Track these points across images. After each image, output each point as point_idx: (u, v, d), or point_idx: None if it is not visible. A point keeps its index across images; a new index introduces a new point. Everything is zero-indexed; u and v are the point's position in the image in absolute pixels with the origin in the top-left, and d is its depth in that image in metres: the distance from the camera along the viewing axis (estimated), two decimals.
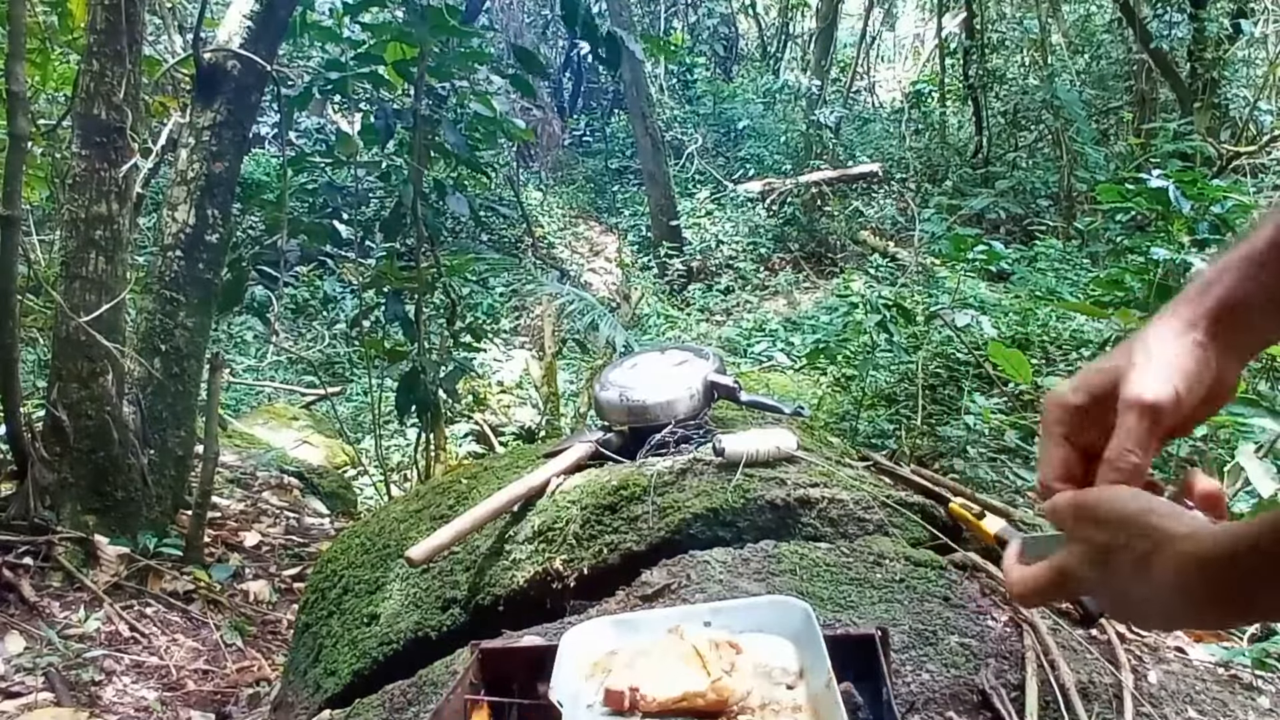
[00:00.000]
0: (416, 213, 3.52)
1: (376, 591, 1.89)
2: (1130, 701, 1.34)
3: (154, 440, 3.12)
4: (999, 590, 1.57)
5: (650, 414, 1.98)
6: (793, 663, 1.10)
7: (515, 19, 12.54)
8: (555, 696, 1.04)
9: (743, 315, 9.33)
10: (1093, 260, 8.16)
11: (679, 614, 1.22)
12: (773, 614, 1.18)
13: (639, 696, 1.02)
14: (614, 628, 1.18)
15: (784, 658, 1.11)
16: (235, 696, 2.53)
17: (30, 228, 4.80)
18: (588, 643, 1.15)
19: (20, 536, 2.77)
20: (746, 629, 1.16)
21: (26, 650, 2.44)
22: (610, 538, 1.71)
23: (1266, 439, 2.10)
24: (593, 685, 1.08)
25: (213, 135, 3.19)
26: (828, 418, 5.00)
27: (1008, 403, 4.04)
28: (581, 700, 1.05)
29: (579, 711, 1.03)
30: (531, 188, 12.01)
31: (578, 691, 1.07)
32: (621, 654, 1.13)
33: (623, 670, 1.08)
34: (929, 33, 16.49)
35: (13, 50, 2.69)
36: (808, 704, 1.04)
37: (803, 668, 1.09)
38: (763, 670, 1.08)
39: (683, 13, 15.81)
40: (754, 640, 1.14)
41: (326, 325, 8.64)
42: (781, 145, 13.06)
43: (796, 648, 1.12)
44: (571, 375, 6.34)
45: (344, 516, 4.14)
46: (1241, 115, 9.57)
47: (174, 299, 3.16)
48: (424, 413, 3.61)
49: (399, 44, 3.45)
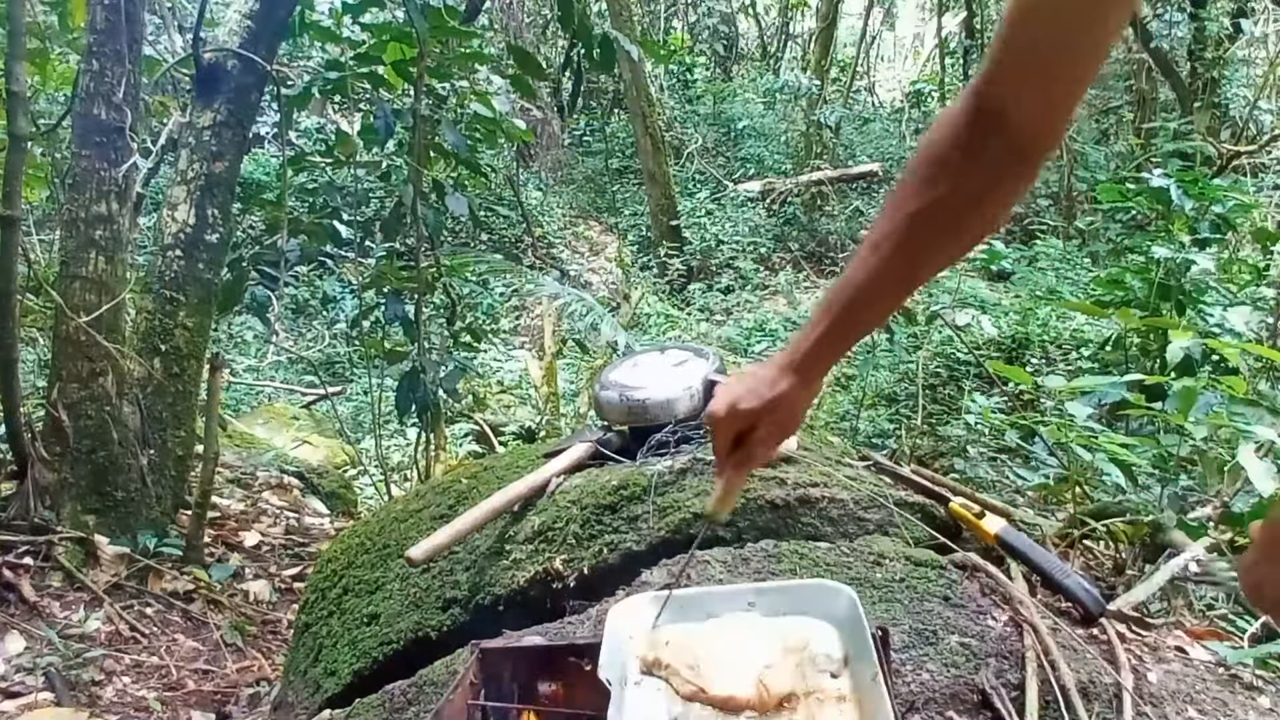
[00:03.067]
0: (416, 213, 3.52)
1: (376, 591, 1.89)
2: (1130, 701, 1.34)
3: (154, 440, 3.12)
4: (999, 590, 1.57)
5: (650, 414, 1.98)
6: (836, 649, 1.08)
7: (515, 19, 12.53)
8: (604, 674, 1.04)
9: (743, 315, 9.33)
10: (1093, 260, 8.16)
11: (721, 593, 1.21)
12: (817, 597, 1.16)
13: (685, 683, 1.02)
14: (658, 605, 1.17)
15: (828, 644, 1.09)
16: (235, 696, 2.53)
17: (30, 228, 4.81)
18: (632, 620, 1.14)
19: (20, 536, 2.76)
20: (789, 612, 1.15)
21: (26, 650, 2.44)
22: (610, 538, 1.71)
23: (1267, 439, 2.10)
24: (639, 663, 1.07)
25: (213, 135, 3.19)
26: (828, 417, 5.00)
27: (1008, 403, 4.04)
28: (630, 679, 1.05)
29: (626, 690, 1.03)
30: (531, 188, 12.00)
31: (625, 670, 1.06)
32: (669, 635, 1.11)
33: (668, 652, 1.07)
34: (929, 33, 16.49)
35: (13, 50, 2.69)
36: (852, 695, 1.02)
37: (847, 655, 1.07)
38: (807, 656, 1.07)
39: (683, 12, 15.81)
40: (797, 624, 1.13)
41: (326, 325, 8.64)
42: (781, 145, 13.06)
43: (840, 634, 1.10)
44: (571, 375, 6.33)
45: (344, 516, 4.14)
46: (1241, 115, 9.57)
47: (174, 299, 3.16)
48: (424, 413, 3.61)
49: (399, 44, 3.45)
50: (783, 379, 1.02)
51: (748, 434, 1.05)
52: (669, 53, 12.79)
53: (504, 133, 4.06)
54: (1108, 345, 4.07)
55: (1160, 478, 2.43)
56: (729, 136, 13.61)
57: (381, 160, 4.24)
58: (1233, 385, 2.32)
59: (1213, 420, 2.28)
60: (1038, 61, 0.82)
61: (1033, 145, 0.87)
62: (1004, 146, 0.86)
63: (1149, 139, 8.58)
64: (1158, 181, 3.89)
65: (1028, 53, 0.83)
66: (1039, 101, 0.85)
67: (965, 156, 0.88)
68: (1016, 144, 0.86)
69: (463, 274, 4.56)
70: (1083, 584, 1.57)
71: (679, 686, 1.02)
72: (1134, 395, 2.53)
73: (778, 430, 1.05)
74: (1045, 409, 3.76)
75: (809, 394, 1.05)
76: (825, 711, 1.00)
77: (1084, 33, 0.79)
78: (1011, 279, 8.34)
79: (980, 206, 0.90)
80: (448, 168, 3.95)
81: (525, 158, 12.47)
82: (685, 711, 1.00)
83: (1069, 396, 2.72)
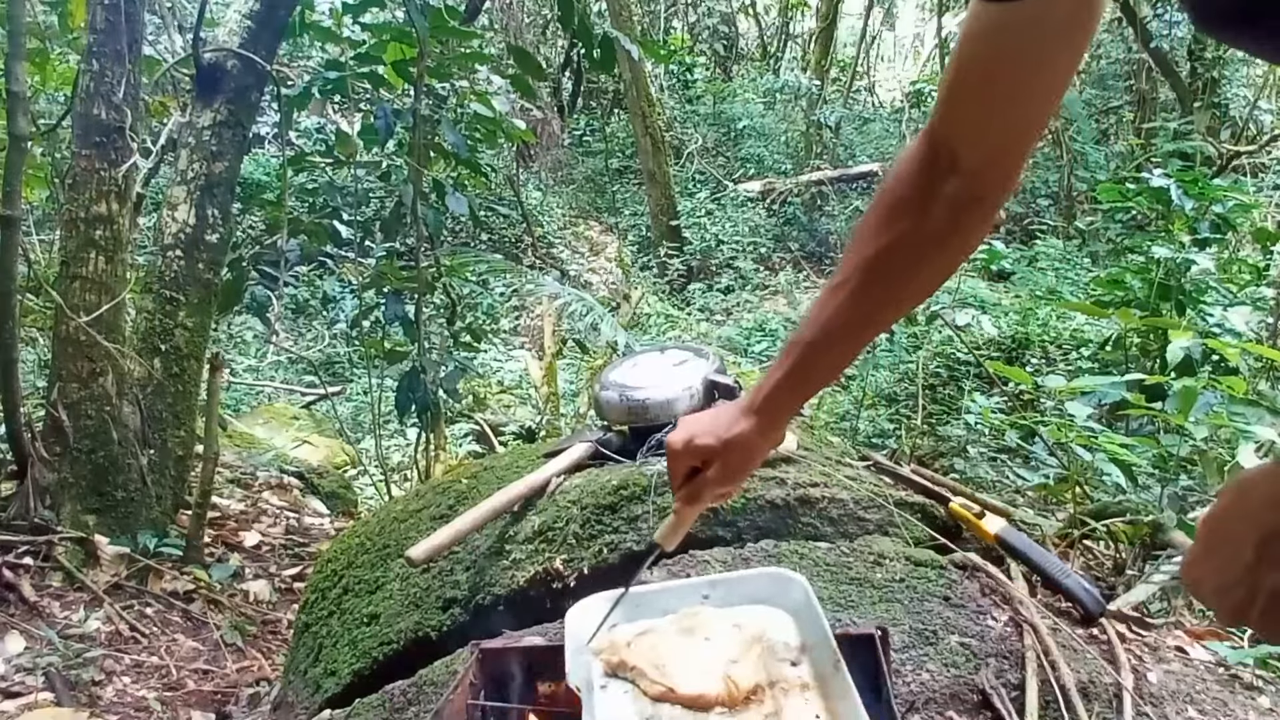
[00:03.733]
0: (416, 213, 3.51)
1: (376, 591, 1.89)
2: (1130, 701, 1.34)
3: (154, 440, 3.12)
4: (999, 590, 1.57)
5: (650, 414, 1.98)
6: (794, 637, 1.09)
7: (515, 19, 12.53)
8: (572, 681, 1.04)
9: (743, 315, 9.33)
10: (1093, 260, 8.16)
11: (677, 588, 1.22)
12: (770, 587, 1.17)
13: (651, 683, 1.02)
14: (612, 605, 1.17)
15: (785, 632, 1.10)
16: (235, 696, 2.53)
17: (30, 228, 4.81)
18: (591, 621, 1.14)
19: (20, 536, 2.76)
20: (744, 602, 1.16)
21: (26, 650, 2.44)
22: (610, 538, 1.71)
23: (1267, 439, 2.10)
24: (603, 666, 1.07)
25: (213, 135, 3.19)
26: (828, 417, 5.00)
27: (1008, 403, 4.04)
28: (595, 683, 1.05)
29: (595, 695, 1.03)
30: (531, 188, 12.00)
31: (590, 674, 1.06)
32: (626, 633, 1.11)
33: (632, 653, 1.07)
34: (929, 33, 16.48)
35: (13, 50, 2.68)
36: (814, 682, 1.03)
37: (804, 643, 1.08)
38: (765, 646, 1.08)
39: (683, 12, 15.81)
40: (752, 613, 1.13)
41: (326, 325, 8.63)
42: (781, 145, 13.06)
43: (796, 622, 1.11)
44: (571, 375, 6.33)
45: (344, 516, 4.14)
46: (1241, 115, 9.57)
47: (174, 299, 3.16)
48: (424, 413, 3.61)
49: (399, 44, 3.45)
50: (741, 421, 1.01)
51: (702, 470, 1.05)
52: (669, 53, 12.78)
53: (504, 133, 4.06)
54: (1108, 345, 4.07)
55: (1160, 478, 2.43)
56: (729, 136, 13.62)
57: (381, 160, 4.24)
58: (1233, 385, 2.32)
59: (1213, 420, 2.28)
60: (986, 105, 0.81)
61: (987, 188, 0.86)
62: (960, 187, 0.85)
63: (1149, 139, 8.59)
64: (1158, 181, 3.89)
65: (975, 97, 0.81)
66: (990, 145, 0.83)
67: (923, 197, 0.87)
68: (970, 186, 0.85)
69: (463, 274, 4.56)
70: (1083, 584, 1.57)
71: (647, 688, 1.02)
72: (1134, 395, 2.53)
73: (729, 472, 1.05)
74: (1045, 409, 3.76)
75: (767, 440, 1.04)
76: (790, 701, 1.01)
77: (1032, 75, 0.78)
78: (1011, 279, 8.34)
79: (939, 246, 0.89)
80: (448, 168, 3.95)
81: (525, 158, 12.47)
82: (656, 713, 1.00)
83: (1069, 396, 2.72)
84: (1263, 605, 0.60)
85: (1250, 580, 0.60)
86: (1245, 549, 0.60)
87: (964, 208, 0.87)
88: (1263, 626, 0.62)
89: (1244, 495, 0.62)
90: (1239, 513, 0.62)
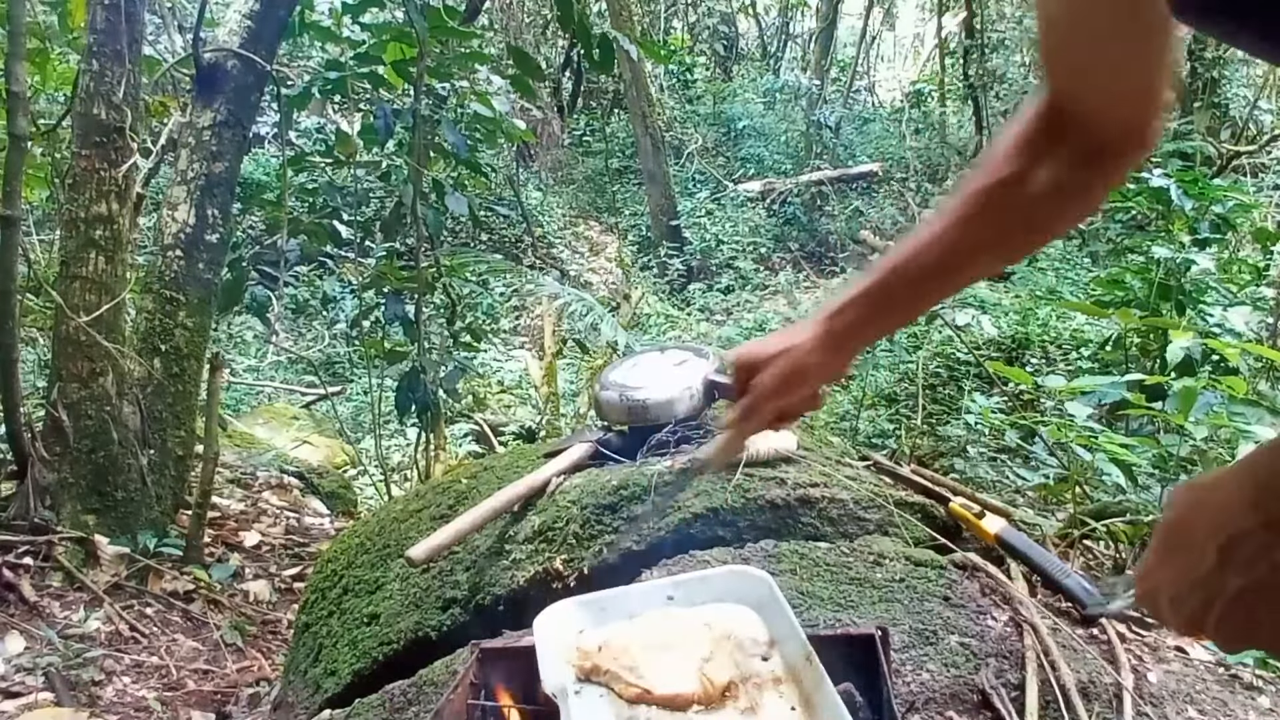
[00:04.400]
0: (416, 213, 3.52)
1: (376, 591, 1.89)
2: (1130, 701, 1.34)
3: (154, 440, 3.12)
4: (999, 590, 1.57)
5: (650, 414, 1.98)
6: (761, 632, 1.10)
7: (515, 19, 12.53)
8: (548, 688, 1.04)
9: (743, 315, 9.33)
10: (1093, 260, 8.16)
11: (641, 590, 1.22)
12: (734, 584, 1.18)
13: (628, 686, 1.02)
14: (581, 609, 1.17)
15: (752, 628, 1.10)
16: (235, 696, 2.53)
17: (30, 228, 4.80)
18: (560, 627, 1.14)
19: (20, 536, 2.76)
20: (709, 600, 1.16)
21: (26, 650, 2.44)
22: (610, 537, 1.71)
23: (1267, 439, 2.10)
24: (575, 672, 1.07)
25: (213, 135, 3.19)
26: (828, 418, 5.00)
27: (1008, 403, 4.04)
28: (569, 689, 1.05)
29: (570, 700, 1.03)
30: (531, 188, 12.00)
31: (564, 681, 1.06)
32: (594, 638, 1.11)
33: (603, 658, 1.07)
34: (929, 33, 16.48)
35: (13, 50, 2.68)
36: (786, 675, 1.04)
37: (772, 637, 1.09)
38: (735, 643, 1.08)
39: (683, 12, 15.81)
40: (719, 611, 1.14)
41: (326, 325, 8.63)
42: (781, 145, 13.06)
43: (761, 616, 1.12)
44: (571, 375, 6.34)
45: (344, 516, 4.14)
46: (1241, 115, 9.57)
47: (174, 299, 3.16)
48: (424, 413, 3.61)
49: (399, 44, 3.45)
50: (804, 330, 0.95)
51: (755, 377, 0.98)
52: (669, 53, 12.79)
53: (504, 133, 4.06)
54: (1108, 345, 4.07)
55: (1160, 478, 2.43)
56: (729, 136, 13.62)
57: (381, 160, 4.24)
58: (1233, 385, 2.32)
59: (1213, 420, 2.28)
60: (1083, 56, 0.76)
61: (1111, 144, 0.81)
62: (1081, 144, 0.81)
63: None
64: (1158, 181, 3.89)
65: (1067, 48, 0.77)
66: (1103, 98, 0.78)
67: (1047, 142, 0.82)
68: (1093, 143, 0.80)
69: (463, 274, 4.56)
70: (1083, 584, 1.57)
71: (622, 691, 1.02)
72: (1134, 395, 2.53)
73: (780, 383, 0.96)
74: (1045, 409, 3.76)
75: (823, 358, 0.94)
76: (766, 695, 1.01)
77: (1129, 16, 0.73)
78: (1011, 279, 8.33)
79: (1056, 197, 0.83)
80: (448, 168, 3.95)
81: (525, 158, 12.48)
82: (634, 714, 1.00)
83: (1069, 396, 2.72)
84: (1220, 611, 0.58)
85: (1210, 585, 0.59)
86: (1207, 553, 0.58)
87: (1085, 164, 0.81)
88: (1219, 634, 0.60)
89: (1203, 500, 0.60)
90: (1199, 517, 0.60)
